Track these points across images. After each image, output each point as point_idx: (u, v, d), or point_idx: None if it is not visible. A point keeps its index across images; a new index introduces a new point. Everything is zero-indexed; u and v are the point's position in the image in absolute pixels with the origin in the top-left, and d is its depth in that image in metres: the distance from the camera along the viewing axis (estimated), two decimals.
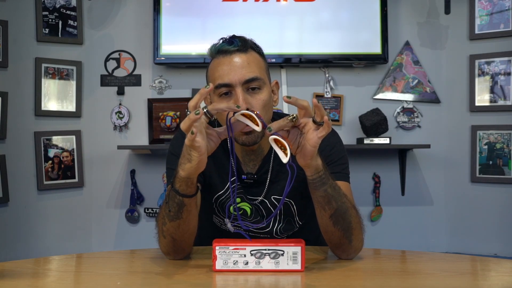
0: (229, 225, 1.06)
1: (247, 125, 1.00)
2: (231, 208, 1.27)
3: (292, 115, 0.98)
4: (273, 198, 1.28)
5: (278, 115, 1.32)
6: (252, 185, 1.28)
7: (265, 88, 1.19)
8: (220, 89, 1.16)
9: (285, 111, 2.70)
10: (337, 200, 1.07)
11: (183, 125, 0.96)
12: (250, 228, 1.17)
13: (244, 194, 1.28)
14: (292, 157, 0.97)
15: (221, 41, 1.22)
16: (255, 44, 1.24)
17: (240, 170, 1.28)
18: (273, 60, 2.74)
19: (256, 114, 0.98)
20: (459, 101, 2.88)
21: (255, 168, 1.29)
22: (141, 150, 2.81)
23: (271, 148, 1.27)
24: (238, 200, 1.28)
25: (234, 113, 1.00)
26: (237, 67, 1.16)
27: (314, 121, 0.98)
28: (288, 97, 0.96)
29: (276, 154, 1.27)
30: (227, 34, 1.27)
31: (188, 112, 0.97)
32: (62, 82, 2.80)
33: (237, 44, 1.18)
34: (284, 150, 0.96)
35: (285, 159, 0.95)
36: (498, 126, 2.79)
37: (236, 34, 1.23)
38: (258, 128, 0.98)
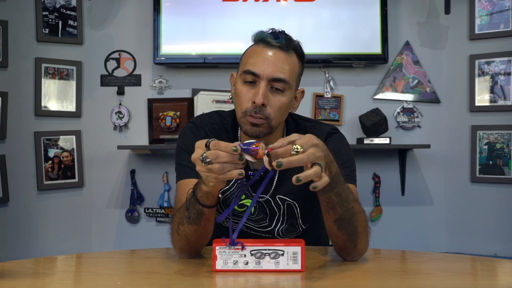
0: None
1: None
2: (236, 206, 1.27)
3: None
4: (278, 197, 1.28)
5: (293, 118, 1.33)
6: (259, 182, 1.27)
7: (288, 93, 1.20)
8: (247, 75, 1.18)
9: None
10: (342, 207, 1.04)
11: (218, 161, 0.91)
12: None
13: (249, 191, 1.27)
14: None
15: (270, 30, 1.23)
16: (299, 46, 1.24)
17: (247, 166, 1.27)
18: None
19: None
20: (459, 101, 2.88)
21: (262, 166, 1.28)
22: (141, 150, 2.81)
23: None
24: (242, 197, 1.27)
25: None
26: (271, 62, 1.17)
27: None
28: (298, 180, 0.90)
29: None
30: (228, 33, 1.29)
31: (205, 158, 0.92)
32: (62, 82, 2.80)
33: (281, 41, 1.19)
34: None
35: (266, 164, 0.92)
36: (498, 126, 2.79)
37: (286, 31, 1.24)
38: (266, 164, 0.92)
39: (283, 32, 1.22)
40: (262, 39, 1.20)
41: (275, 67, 1.17)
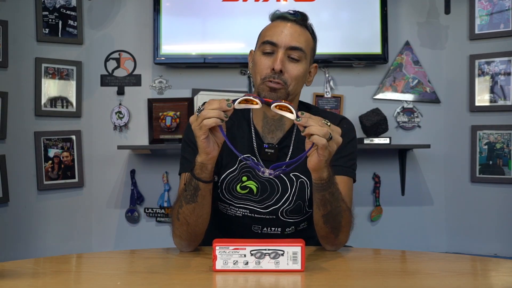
0: (266, 173, 1.08)
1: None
2: (238, 186, 1.29)
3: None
4: (292, 174, 1.29)
5: (304, 104, 1.40)
6: (271, 158, 1.29)
7: (304, 63, 1.27)
8: (265, 45, 1.26)
9: None
10: (332, 204, 1.14)
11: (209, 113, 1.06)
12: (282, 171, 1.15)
13: (250, 173, 1.29)
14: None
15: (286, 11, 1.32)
16: (312, 27, 1.34)
17: (260, 139, 1.32)
18: None
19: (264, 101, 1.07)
20: (459, 101, 2.88)
21: (275, 141, 1.32)
22: (141, 150, 2.81)
23: (293, 125, 1.31)
24: (244, 178, 1.30)
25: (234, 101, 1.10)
26: (288, 32, 1.26)
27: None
28: (302, 113, 1.02)
29: (298, 131, 1.31)
30: (228, 33, 1.37)
31: (200, 108, 1.08)
32: (62, 82, 2.80)
33: (297, 16, 1.29)
34: (289, 111, 1.03)
35: (292, 116, 1.02)
36: (498, 126, 2.79)
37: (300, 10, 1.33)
38: (292, 116, 1.04)
39: (299, 11, 1.32)
40: (278, 16, 1.30)
41: (291, 37, 1.25)
